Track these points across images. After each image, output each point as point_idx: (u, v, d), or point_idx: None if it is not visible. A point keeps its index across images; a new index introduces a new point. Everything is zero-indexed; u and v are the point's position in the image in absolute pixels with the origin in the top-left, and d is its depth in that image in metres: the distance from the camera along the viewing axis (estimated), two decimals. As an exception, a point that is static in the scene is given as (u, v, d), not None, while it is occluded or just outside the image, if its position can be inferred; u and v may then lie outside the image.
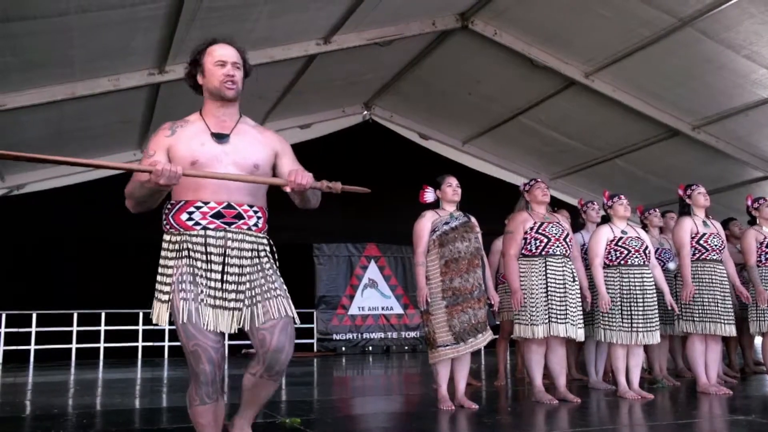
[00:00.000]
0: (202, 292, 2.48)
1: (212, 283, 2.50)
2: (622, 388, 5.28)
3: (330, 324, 11.63)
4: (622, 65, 8.94)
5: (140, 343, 10.79)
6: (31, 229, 10.20)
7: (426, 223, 4.84)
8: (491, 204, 7.57)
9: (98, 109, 8.55)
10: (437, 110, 11.57)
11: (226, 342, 2.73)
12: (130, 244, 10.47)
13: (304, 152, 3.15)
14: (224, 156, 2.55)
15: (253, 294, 2.52)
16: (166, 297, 2.52)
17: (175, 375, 8.23)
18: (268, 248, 2.63)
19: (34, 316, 10.19)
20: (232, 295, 2.50)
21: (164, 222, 2.59)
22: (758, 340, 6.68)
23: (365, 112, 11.91)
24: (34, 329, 10.20)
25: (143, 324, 10.79)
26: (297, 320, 2.62)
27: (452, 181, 4.97)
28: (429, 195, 4.98)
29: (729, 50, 8.06)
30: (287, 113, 10.96)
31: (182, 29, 7.07)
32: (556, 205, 6.44)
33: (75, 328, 10.42)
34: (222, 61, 2.62)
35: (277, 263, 2.68)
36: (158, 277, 2.56)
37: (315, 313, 11.52)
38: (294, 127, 11.30)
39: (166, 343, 10.89)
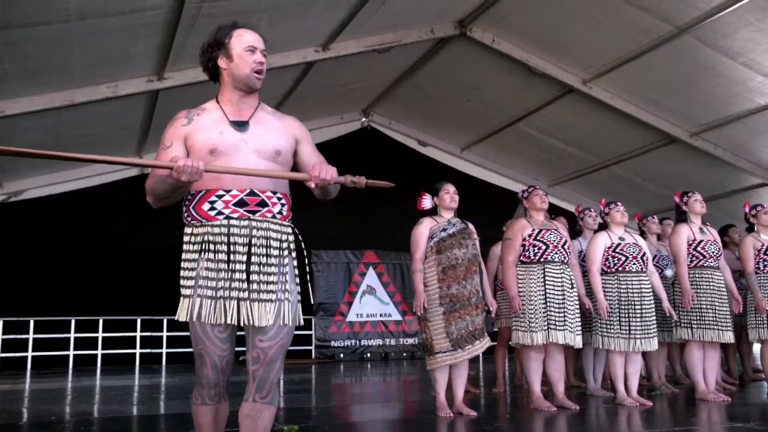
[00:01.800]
0: (223, 287, 2.40)
1: (237, 275, 2.40)
2: (620, 395, 5.27)
3: (328, 331, 11.62)
4: (620, 72, 8.96)
5: (138, 350, 10.76)
6: (29, 236, 10.20)
7: (423, 229, 4.85)
8: (489, 210, 7.59)
9: (97, 115, 8.55)
10: (436, 117, 11.59)
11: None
12: (128, 250, 10.48)
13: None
14: (244, 144, 2.46)
15: (273, 290, 2.43)
16: (188, 292, 2.43)
17: (173, 382, 8.22)
18: (292, 237, 2.53)
19: (32, 322, 10.16)
20: (258, 286, 2.41)
21: (185, 214, 2.50)
22: (757, 347, 6.67)
23: (364, 119, 11.93)
24: (31, 336, 10.17)
25: (141, 331, 10.77)
26: (300, 322, 2.52)
27: (450, 188, 4.98)
28: (426, 202, 4.99)
29: (726, 58, 8.08)
30: (286, 120, 10.96)
31: (181, 36, 7.08)
32: (554, 212, 6.45)
33: (72, 335, 10.39)
34: (252, 47, 2.50)
35: (304, 252, 2.57)
36: (181, 272, 2.48)
37: (313, 319, 11.51)
38: (293, 133, 11.30)
39: (164, 350, 10.86)
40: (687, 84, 8.86)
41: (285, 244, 2.50)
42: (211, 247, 2.42)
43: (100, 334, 10.56)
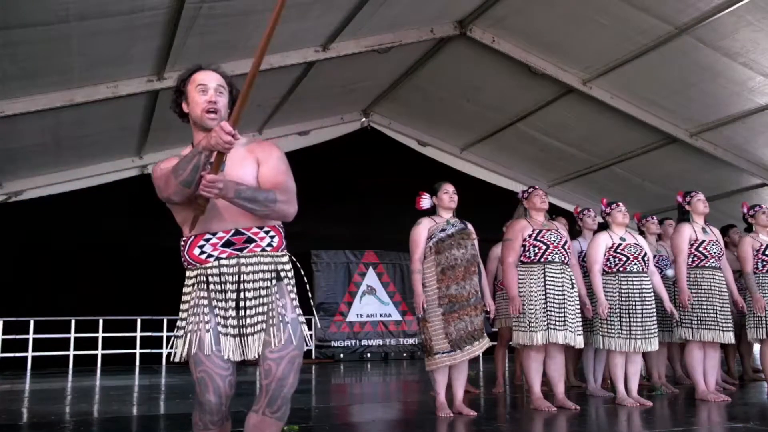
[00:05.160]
0: (219, 322, 2.43)
1: (229, 312, 2.44)
2: (620, 395, 5.27)
3: (328, 331, 11.62)
4: (620, 72, 8.97)
5: (138, 350, 10.76)
6: (29, 236, 10.20)
7: (422, 230, 4.85)
8: (489, 211, 7.58)
9: (97, 116, 8.55)
10: (436, 117, 11.59)
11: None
12: (128, 250, 10.48)
13: (302, 159, 3.14)
14: None
15: (270, 317, 2.44)
16: (191, 327, 2.46)
17: (173, 382, 8.22)
18: (289, 266, 2.54)
19: (32, 322, 10.16)
20: (251, 320, 2.44)
21: (182, 260, 2.55)
22: (757, 348, 6.68)
23: (364, 119, 11.93)
24: (31, 336, 10.17)
25: (141, 331, 10.78)
26: (311, 344, 2.55)
27: (449, 188, 4.98)
28: (425, 201, 4.99)
29: (726, 58, 8.09)
30: (286, 120, 10.98)
31: (181, 36, 7.09)
32: (554, 212, 6.45)
33: (72, 335, 10.39)
34: (203, 85, 2.49)
35: (304, 278, 2.58)
36: (180, 314, 2.53)
37: (313, 320, 11.50)
38: (293, 134, 11.33)
39: (164, 350, 10.87)
40: (687, 84, 8.86)
41: (282, 273, 2.52)
42: (203, 286, 2.47)
43: (100, 334, 10.56)
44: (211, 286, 2.45)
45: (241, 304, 2.44)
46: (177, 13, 6.63)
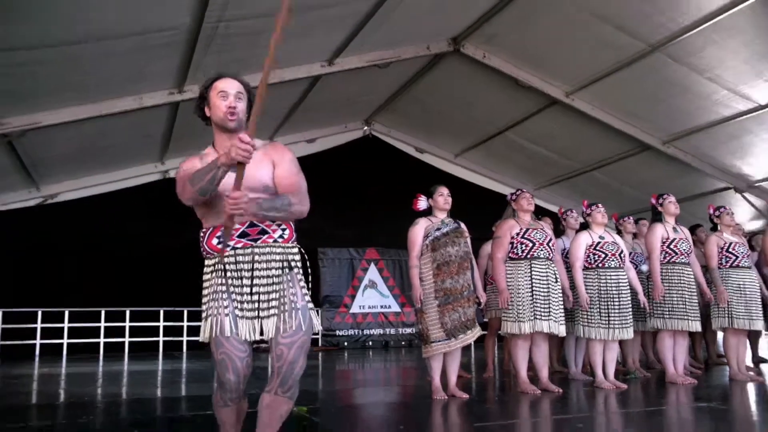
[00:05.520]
0: (236, 307, 2.47)
1: (244, 297, 2.48)
2: (599, 379, 5.33)
3: (333, 321, 11.65)
4: (600, 86, 9.00)
5: (161, 338, 10.82)
6: (64, 235, 10.23)
7: (419, 229, 4.89)
8: (480, 212, 7.61)
9: (122, 125, 8.58)
10: (432, 126, 11.62)
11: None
12: (153, 248, 10.51)
13: (309, 164, 3.17)
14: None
15: (282, 303, 2.48)
16: (212, 312, 2.50)
17: (193, 367, 8.27)
18: (298, 257, 2.58)
19: (67, 313, 10.22)
20: (264, 305, 2.48)
21: (201, 249, 2.59)
22: (720, 335, 6.73)
23: (366, 128, 11.96)
24: (66, 325, 10.22)
25: (164, 321, 10.84)
26: (318, 327, 2.59)
27: (443, 191, 5.02)
28: (422, 203, 5.03)
29: (694, 73, 8.13)
30: (294, 129, 11.02)
31: (199, 53, 7.13)
32: (539, 213, 6.49)
33: (103, 324, 10.44)
34: (224, 92, 2.55)
35: (309, 270, 2.62)
36: (202, 299, 2.57)
37: (319, 311, 11.54)
38: (301, 141, 11.36)
39: (185, 338, 10.92)
40: (659, 97, 8.90)
41: (293, 263, 2.55)
42: (221, 273, 2.50)
43: (128, 324, 10.61)
44: (228, 274, 2.49)
45: (255, 290, 2.48)
46: (195, 32, 6.68)
